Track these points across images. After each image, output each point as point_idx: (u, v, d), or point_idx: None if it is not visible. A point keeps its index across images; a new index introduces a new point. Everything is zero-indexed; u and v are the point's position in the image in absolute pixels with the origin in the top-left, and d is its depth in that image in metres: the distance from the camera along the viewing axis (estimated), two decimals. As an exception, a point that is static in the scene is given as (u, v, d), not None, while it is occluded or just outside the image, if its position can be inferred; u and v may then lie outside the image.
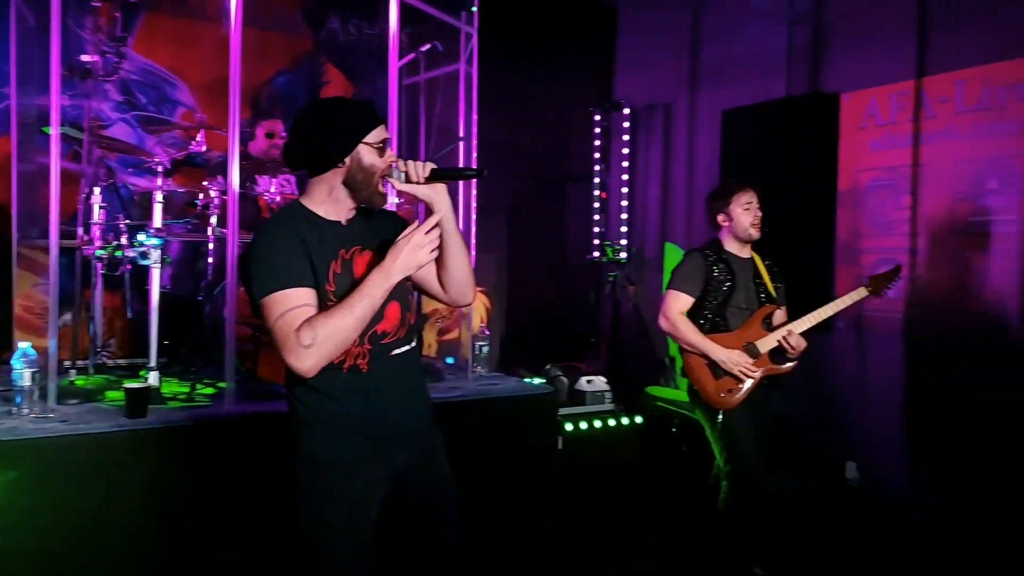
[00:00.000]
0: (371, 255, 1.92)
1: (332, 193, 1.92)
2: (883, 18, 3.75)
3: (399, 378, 1.98)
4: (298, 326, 1.74)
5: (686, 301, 3.11)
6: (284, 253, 1.82)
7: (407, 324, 2.00)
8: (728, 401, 3.04)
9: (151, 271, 3.40)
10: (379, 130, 1.91)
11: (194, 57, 5.13)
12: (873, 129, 3.80)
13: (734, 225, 3.12)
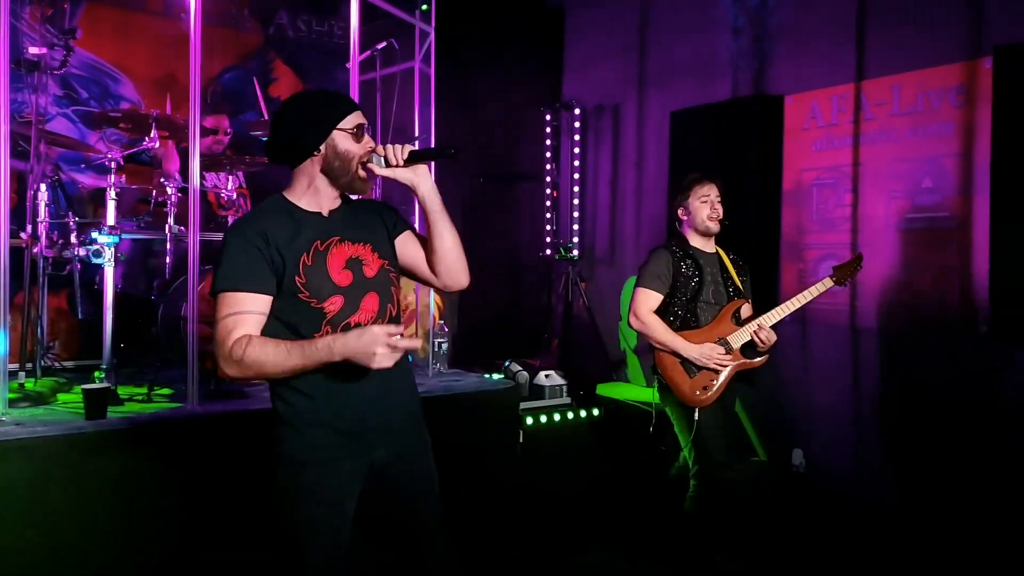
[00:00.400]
0: (349, 245, 1.91)
1: (312, 184, 1.92)
2: (823, 25, 3.92)
3: (377, 373, 1.84)
4: (236, 336, 1.75)
5: (655, 299, 3.09)
6: (244, 254, 1.81)
7: (387, 316, 1.95)
8: (703, 399, 3.01)
9: (104, 270, 3.33)
10: (353, 116, 1.91)
11: (137, 51, 5.02)
12: (815, 130, 3.98)
13: (692, 218, 3.14)
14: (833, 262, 3.90)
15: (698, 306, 3.08)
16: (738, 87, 4.50)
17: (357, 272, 1.91)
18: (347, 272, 1.89)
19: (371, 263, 1.94)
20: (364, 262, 1.93)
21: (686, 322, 3.09)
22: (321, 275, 1.85)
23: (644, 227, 5.27)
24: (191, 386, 3.04)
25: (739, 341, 3.04)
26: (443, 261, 2.00)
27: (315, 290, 1.84)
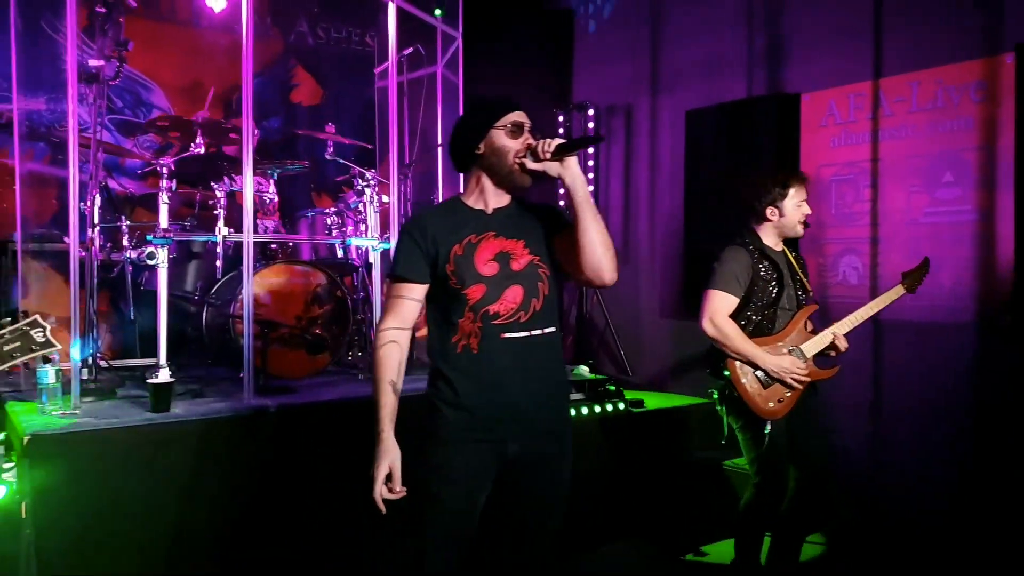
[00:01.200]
0: (502, 240, 2.04)
1: (478, 182, 2.09)
2: (840, 23, 4.05)
3: (515, 362, 2.01)
4: (387, 324, 2.04)
5: (732, 302, 2.86)
6: (405, 247, 2.06)
7: (530, 309, 2.02)
8: (777, 411, 2.85)
9: (157, 272, 3.44)
10: (511, 115, 2.04)
11: (166, 60, 5.15)
12: (833, 127, 4.13)
13: (783, 221, 2.93)
14: (854, 257, 4.07)
15: (776, 312, 2.90)
16: (753, 86, 4.64)
17: (504, 265, 2.02)
18: (494, 264, 2.02)
19: (520, 257, 2.04)
20: (513, 256, 2.04)
21: (760, 328, 2.89)
22: (468, 265, 2.00)
23: (658, 226, 5.40)
24: (248, 380, 3.17)
25: (813, 350, 2.90)
26: (586, 254, 1.98)
27: (460, 278, 1.99)
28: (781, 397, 2.85)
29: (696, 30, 5.03)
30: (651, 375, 5.24)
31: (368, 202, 4.05)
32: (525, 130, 2.05)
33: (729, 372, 2.86)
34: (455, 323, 2.01)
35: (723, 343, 2.85)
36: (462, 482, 2.02)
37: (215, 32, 5.32)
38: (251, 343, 3.16)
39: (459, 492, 2.02)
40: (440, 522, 2.03)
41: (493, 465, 2.04)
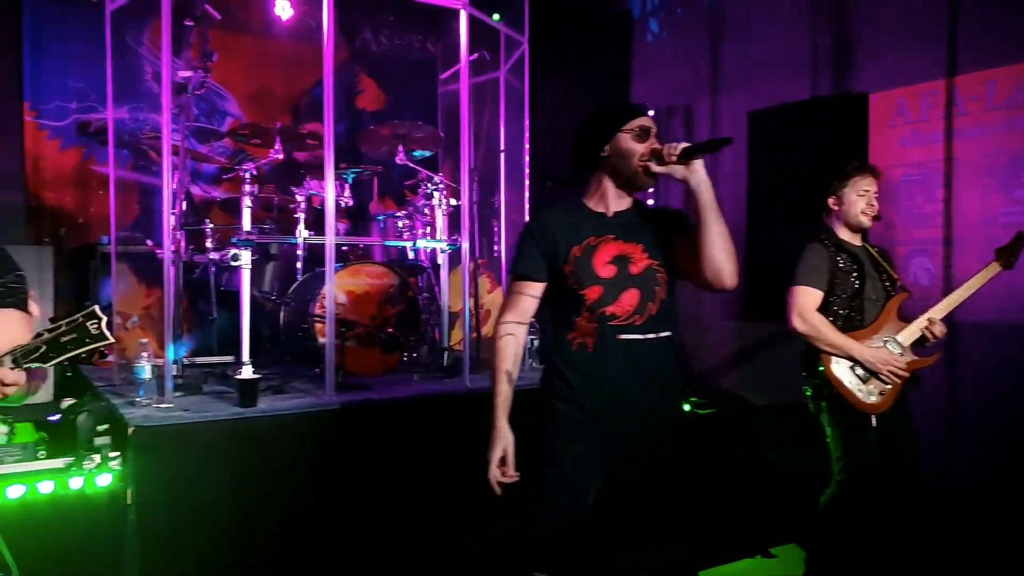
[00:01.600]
0: (621, 244, 2.09)
1: (600, 185, 2.15)
2: (910, 21, 4.02)
3: (629, 363, 2.06)
4: (506, 318, 2.15)
5: (817, 296, 2.85)
6: (526, 245, 2.15)
7: (645, 313, 2.06)
8: (878, 404, 2.80)
9: (241, 273, 3.59)
10: (639, 119, 2.09)
11: (238, 69, 5.34)
12: (902, 127, 4.09)
13: (845, 210, 2.92)
14: (925, 259, 4.03)
15: (863, 303, 2.88)
16: (817, 86, 4.63)
17: (622, 268, 2.07)
18: (612, 266, 2.07)
19: (638, 261, 2.08)
20: (631, 260, 2.08)
21: (850, 321, 2.86)
22: (586, 266, 2.07)
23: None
24: (330, 377, 3.29)
25: (910, 339, 2.86)
26: (708, 258, 2.01)
27: (578, 278, 2.06)
28: (883, 390, 2.81)
29: (757, 31, 5.03)
30: (715, 377, 5.25)
31: (437, 205, 4.16)
32: (651, 135, 2.09)
33: (824, 368, 2.82)
34: (572, 321, 2.08)
35: (815, 338, 2.82)
36: (574, 476, 2.08)
37: (283, 41, 5.50)
38: (333, 342, 3.28)
39: (571, 486, 2.09)
40: (552, 514, 2.09)
41: (604, 461, 2.10)
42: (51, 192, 4.85)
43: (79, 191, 4.91)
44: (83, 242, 4.86)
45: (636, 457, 2.11)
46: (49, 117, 4.82)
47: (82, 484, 2.75)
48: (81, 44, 4.80)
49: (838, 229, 2.96)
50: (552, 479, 2.10)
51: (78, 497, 2.73)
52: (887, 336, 2.85)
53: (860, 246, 2.97)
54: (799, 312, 2.83)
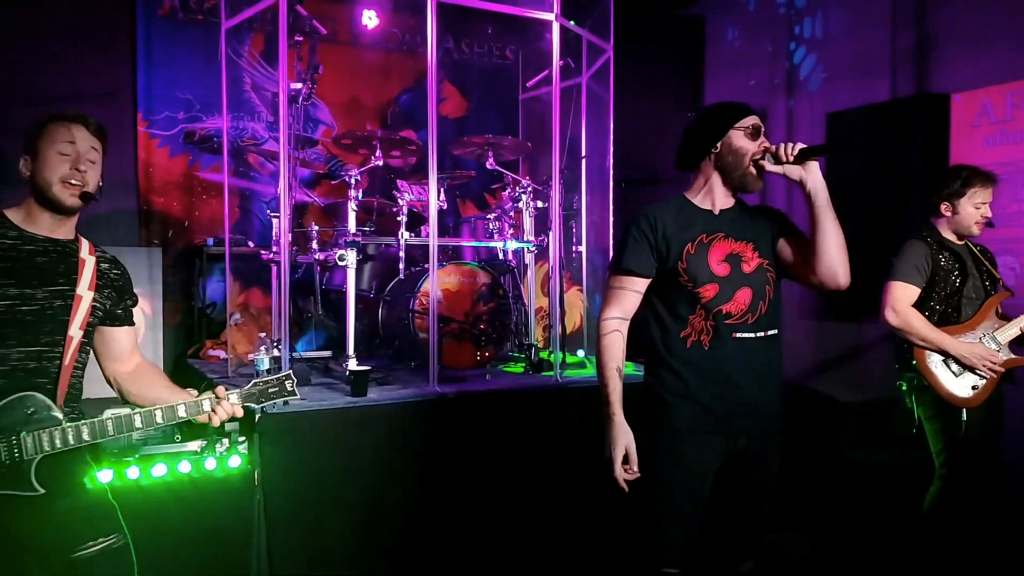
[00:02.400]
0: (732, 242, 2.12)
1: (708, 182, 2.17)
2: (992, 20, 4.05)
3: (745, 360, 2.09)
4: (610, 315, 2.15)
5: (913, 292, 2.92)
6: (634, 241, 2.15)
7: (757, 311, 2.11)
8: (971, 399, 2.86)
9: (345, 272, 3.84)
10: (750, 118, 2.12)
11: (330, 79, 5.61)
12: (986, 127, 4.12)
13: (957, 219, 2.97)
14: (1010, 258, 4.05)
15: (961, 301, 2.94)
16: (897, 87, 4.66)
17: (735, 266, 2.11)
18: (726, 264, 2.10)
19: (750, 260, 2.12)
20: (743, 258, 2.12)
21: (946, 317, 2.95)
22: (701, 264, 2.10)
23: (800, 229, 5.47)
24: (433, 369, 3.51)
25: (1008, 336, 2.91)
26: (824, 258, 2.06)
27: (693, 276, 2.09)
28: (975, 384, 2.87)
29: (835, 32, 5.08)
30: (793, 375, 5.31)
31: (524, 208, 4.35)
32: (762, 133, 2.12)
33: (917, 362, 2.90)
34: (685, 319, 2.11)
35: (907, 332, 2.89)
36: (695, 471, 2.12)
37: (370, 51, 5.78)
38: (435, 337, 3.50)
39: (692, 481, 2.13)
40: (673, 509, 2.13)
41: (721, 457, 2.14)
42: (160, 197, 5.20)
43: (185, 196, 5.26)
44: (188, 244, 5.20)
45: (751, 453, 2.15)
46: (159, 127, 5.17)
47: (215, 465, 3.01)
48: (187, 58, 5.16)
49: (942, 229, 3.02)
50: (673, 474, 2.12)
51: (212, 478, 2.98)
52: (984, 332, 2.92)
53: (963, 244, 3.03)
54: (892, 306, 2.91)
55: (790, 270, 2.19)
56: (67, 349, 1.95)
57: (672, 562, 2.16)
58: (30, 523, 1.91)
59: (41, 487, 1.87)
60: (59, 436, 1.89)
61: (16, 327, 1.90)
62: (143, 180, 5.15)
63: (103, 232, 4.75)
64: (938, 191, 3.00)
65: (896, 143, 4.50)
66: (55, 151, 1.96)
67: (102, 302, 2.05)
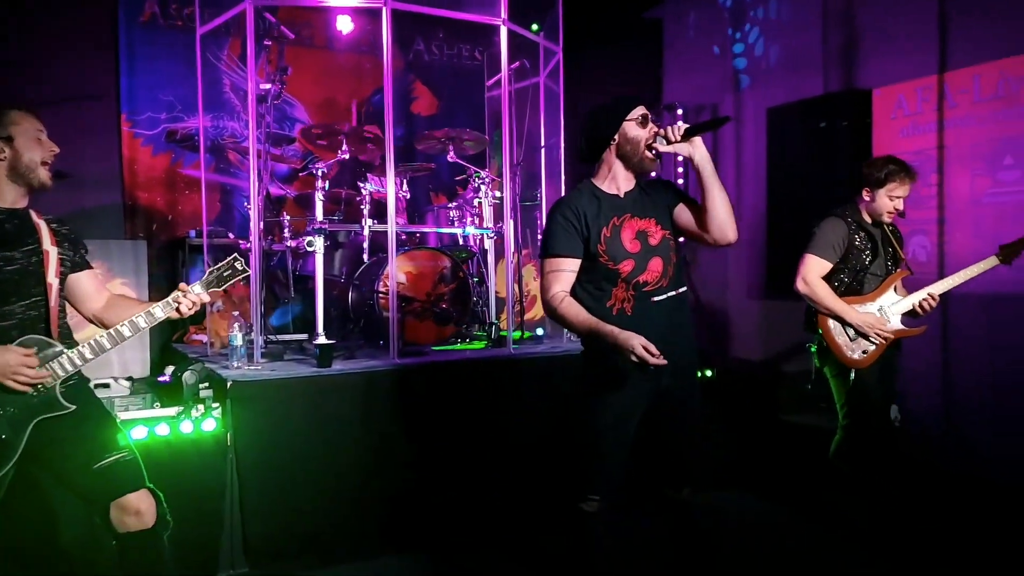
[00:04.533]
0: (638, 220, 2.42)
1: (611, 170, 2.46)
2: (908, 22, 4.42)
3: (660, 318, 2.40)
4: (555, 291, 2.41)
5: (825, 267, 3.25)
6: (561, 228, 2.42)
7: (667, 276, 2.44)
8: (861, 361, 3.23)
9: (315, 257, 4.16)
10: (637, 109, 2.41)
11: (306, 80, 5.94)
12: (902, 119, 4.49)
13: (873, 206, 3.27)
14: (922, 237, 4.42)
15: (867, 276, 3.28)
16: (829, 83, 5.03)
17: (644, 242, 2.42)
18: (637, 242, 2.42)
19: (655, 234, 2.44)
20: (649, 233, 2.43)
21: (851, 289, 3.27)
22: (617, 244, 2.41)
23: (744, 214, 5.81)
24: (393, 343, 3.84)
25: (901, 309, 3.26)
26: (714, 219, 2.37)
27: (612, 255, 2.40)
28: (866, 349, 3.23)
29: (775, 32, 5.44)
30: (740, 349, 5.69)
31: (483, 197, 4.69)
32: (649, 120, 2.43)
33: (821, 327, 3.28)
34: (608, 291, 2.41)
35: (814, 300, 3.26)
36: (627, 413, 2.44)
37: (345, 54, 6.10)
38: (395, 315, 3.83)
39: (624, 422, 2.44)
40: (603, 445, 2.44)
41: (648, 397, 2.45)
42: (144, 192, 5.50)
43: (168, 191, 5.57)
44: (172, 236, 5.50)
45: (676, 389, 2.47)
46: (142, 126, 5.48)
47: (191, 429, 3.31)
48: (168, 62, 5.46)
49: (862, 210, 3.34)
50: (610, 416, 2.42)
51: (188, 440, 3.27)
52: (883, 304, 3.27)
53: (877, 225, 3.35)
54: (804, 276, 3.27)
55: (688, 233, 2.50)
56: (50, 295, 2.35)
57: (598, 491, 2.49)
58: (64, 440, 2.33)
59: (71, 404, 2.29)
60: (67, 360, 2.30)
61: (11, 285, 2.29)
62: (128, 177, 5.44)
63: (90, 226, 5.04)
64: (863, 177, 3.31)
65: (827, 134, 4.87)
66: (32, 137, 2.32)
67: (66, 253, 2.45)
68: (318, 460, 3.47)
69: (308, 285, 4.79)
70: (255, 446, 3.37)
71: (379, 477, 3.56)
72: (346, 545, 3.48)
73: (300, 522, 3.41)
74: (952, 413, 4.26)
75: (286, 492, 3.39)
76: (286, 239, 4.32)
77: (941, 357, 4.28)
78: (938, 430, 4.29)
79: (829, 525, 3.67)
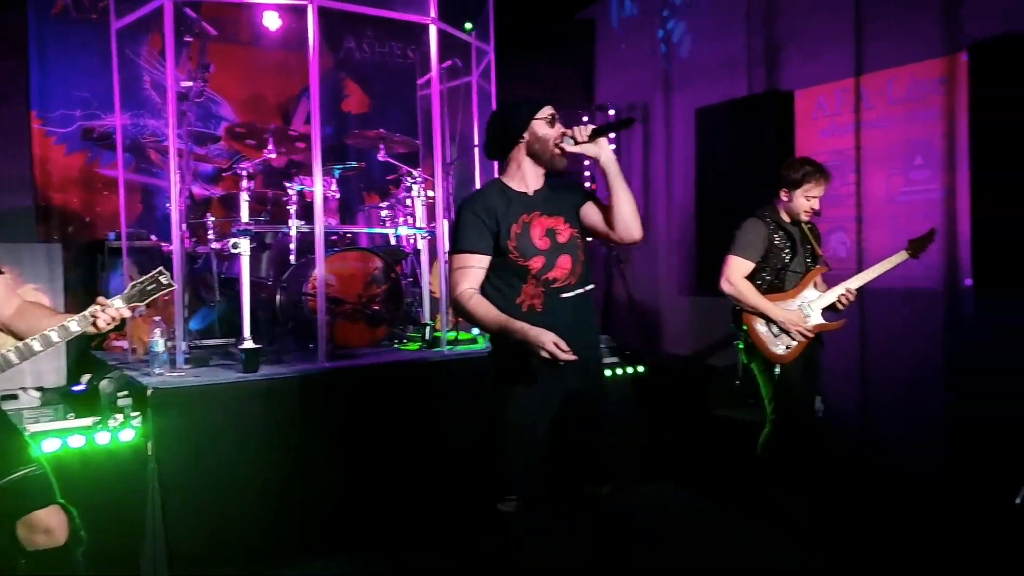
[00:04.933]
0: (547, 218, 2.44)
1: (520, 167, 2.48)
2: (827, 26, 4.57)
3: (569, 315, 2.42)
4: (464, 287, 2.38)
5: (747, 267, 3.35)
6: (471, 225, 2.42)
7: (576, 273, 2.47)
8: (785, 356, 3.33)
9: (240, 260, 4.05)
10: (546, 108, 2.44)
11: (232, 77, 5.79)
12: (822, 120, 4.64)
13: (791, 206, 3.37)
14: (842, 234, 4.57)
15: (787, 274, 3.38)
16: (753, 84, 5.15)
17: (553, 239, 2.44)
18: (546, 239, 2.44)
19: (563, 231, 2.47)
20: (558, 231, 2.46)
21: (773, 287, 3.38)
22: (527, 241, 2.42)
23: (674, 213, 5.93)
24: (322, 346, 3.77)
25: (822, 305, 3.37)
26: (620, 218, 2.42)
27: (522, 252, 2.41)
28: (788, 345, 3.34)
29: (702, 34, 5.55)
30: (672, 345, 5.79)
31: (416, 197, 4.65)
32: (556, 120, 2.46)
33: (747, 325, 3.39)
34: (518, 288, 2.42)
35: (738, 298, 3.36)
36: (537, 412, 2.44)
37: (273, 51, 5.97)
38: (324, 317, 3.76)
39: (535, 420, 2.44)
40: (516, 444, 2.44)
41: (558, 396, 2.45)
42: (58, 193, 5.27)
43: (85, 192, 5.35)
44: (90, 239, 5.29)
45: (584, 389, 2.49)
46: (55, 124, 5.25)
47: (108, 440, 3.17)
48: (83, 57, 5.25)
49: (780, 210, 3.44)
50: (521, 417, 2.42)
51: (105, 451, 3.13)
52: (804, 300, 3.37)
53: (795, 224, 3.45)
54: (728, 277, 3.37)
55: (595, 232, 2.53)
56: None
57: (514, 490, 2.48)
58: None
59: None
60: None
61: None
62: (40, 177, 5.22)
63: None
64: (781, 178, 3.41)
65: (753, 134, 4.98)
66: None
67: None
68: (245, 466, 3.38)
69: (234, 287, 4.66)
70: (178, 454, 3.27)
71: (308, 482, 3.50)
72: (274, 551, 3.40)
73: (226, 528, 3.32)
74: (868, 407, 4.42)
75: (211, 499, 3.30)
76: (211, 241, 4.20)
77: (859, 352, 4.43)
78: (856, 424, 4.44)
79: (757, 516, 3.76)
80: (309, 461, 3.50)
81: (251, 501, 3.37)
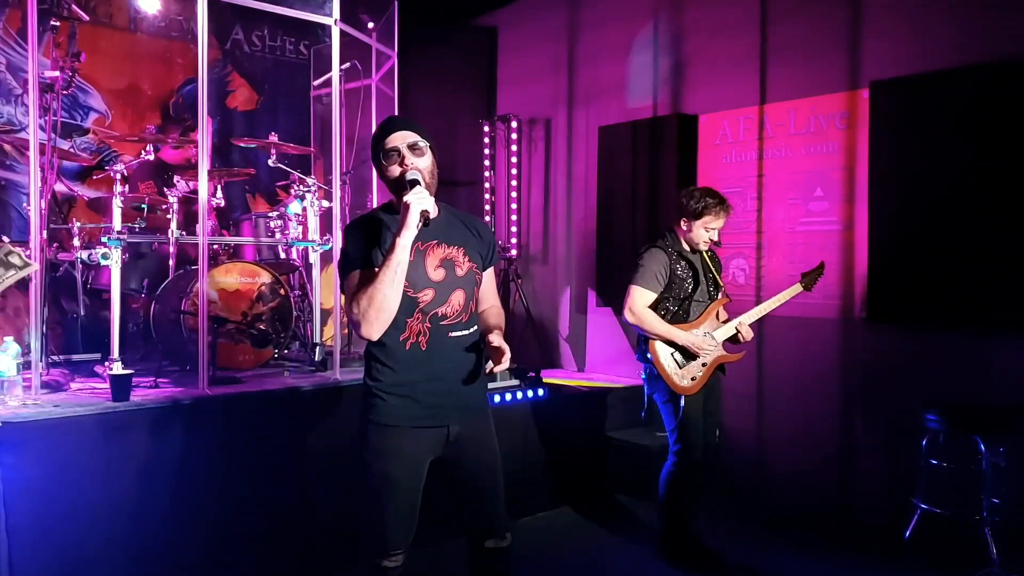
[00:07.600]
0: (445, 248, 2.21)
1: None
2: (733, 53, 4.62)
3: (457, 356, 2.22)
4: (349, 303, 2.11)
5: (650, 297, 3.33)
6: (360, 241, 2.17)
7: (468, 311, 2.26)
8: (689, 388, 3.33)
9: (107, 271, 3.65)
10: (388, 138, 2.15)
11: (104, 64, 5.28)
12: (726, 146, 4.68)
13: (690, 236, 3.38)
14: (741, 260, 4.63)
15: (691, 304, 3.37)
16: (658, 106, 5.16)
17: (450, 271, 2.22)
18: (442, 270, 2.21)
19: (462, 264, 2.25)
20: (456, 263, 2.23)
21: (677, 317, 3.37)
22: (419, 270, 2.17)
23: (575, 229, 5.87)
24: (202, 371, 3.43)
25: (724, 336, 3.39)
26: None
27: (412, 282, 2.14)
28: (694, 376, 3.35)
29: (608, 52, 5.52)
30: (570, 364, 5.73)
31: (309, 206, 4.34)
32: (400, 155, 2.15)
33: (652, 355, 3.36)
34: (403, 322, 2.15)
35: (642, 328, 3.34)
36: (413, 462, 2.22)
37: (151, 38, 5.49)
38: (206, 339, 3.43)
39: (411, 471, 2.22)
40: (396, 497, 2.20)
41: (437, 445, 2.25)
42: None
43: (-77, 185, 4.73)
44: (-69, 238, 4.67)
45: (466, 436, 2.28)
46: None
47: (-54, 481, 2.77)
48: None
49: (680, 239, 3.44)
50: (396, 467, 2.19)
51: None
52: (706, 331, 3.40)
53: (697, 253, 3.46)
54: (631, 307, 3.37)
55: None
56: None
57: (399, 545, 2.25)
58: None
59: None
60: None
61: None
62: None
63: None
64: (682, 207, 3.39)
65: (656, 155, 4.99)
66: None
67: None
68: (111, 506, 3.02)
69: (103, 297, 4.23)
70: (29, 496, 2.86)
71: (184, 520, 3.17)
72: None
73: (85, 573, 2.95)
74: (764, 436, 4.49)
75: (70, 544, 2.92)
76: (75, 248, 3.76)
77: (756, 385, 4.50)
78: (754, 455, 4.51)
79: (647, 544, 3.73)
80: (182, 498, 3.17)
81: (114, 543, 3.02)
